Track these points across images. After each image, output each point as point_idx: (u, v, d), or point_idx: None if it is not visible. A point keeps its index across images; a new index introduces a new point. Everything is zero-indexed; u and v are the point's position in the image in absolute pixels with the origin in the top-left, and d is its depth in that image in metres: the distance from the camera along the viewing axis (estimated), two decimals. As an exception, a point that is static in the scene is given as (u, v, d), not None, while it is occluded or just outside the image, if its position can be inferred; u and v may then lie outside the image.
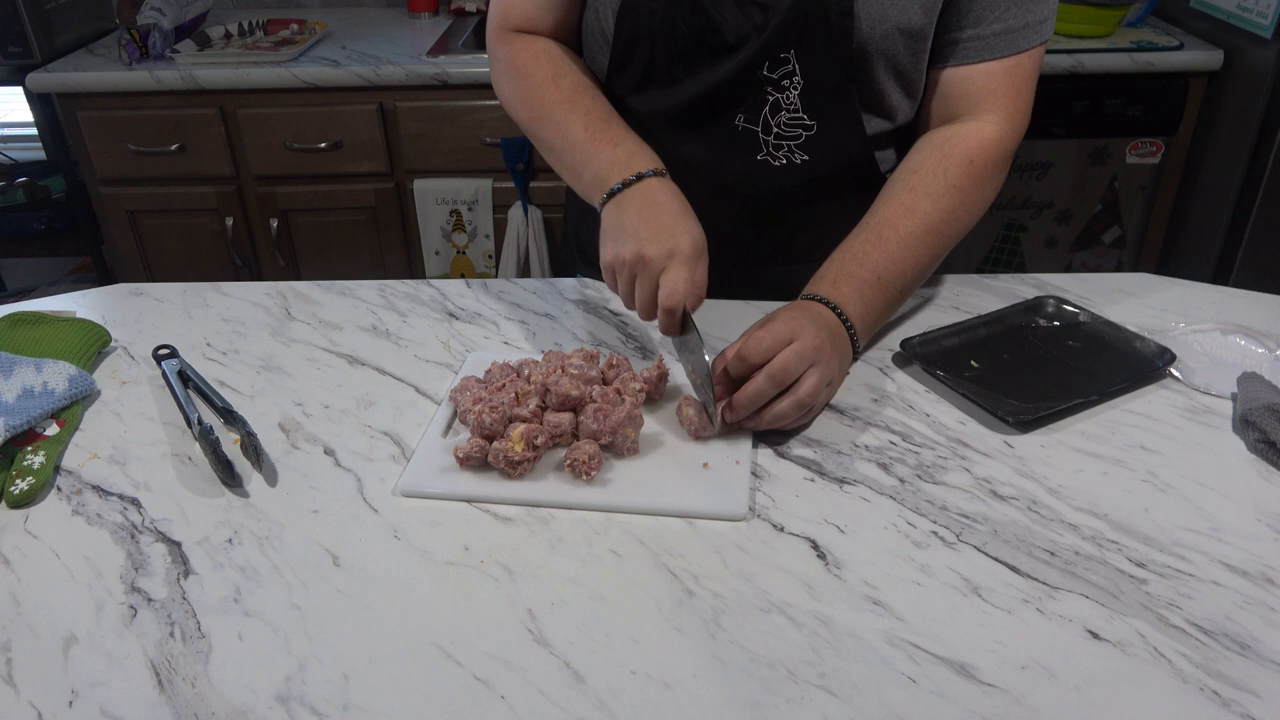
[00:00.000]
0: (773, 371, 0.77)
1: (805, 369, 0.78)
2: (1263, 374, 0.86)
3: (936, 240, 0.91)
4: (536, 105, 0.97)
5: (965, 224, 0.94)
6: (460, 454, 0.77)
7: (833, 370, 0.81)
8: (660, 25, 0.94)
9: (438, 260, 2.28)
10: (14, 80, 2.13)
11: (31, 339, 0.93)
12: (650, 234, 0.83)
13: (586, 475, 0.75)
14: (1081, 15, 2.12)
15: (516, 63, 1.00)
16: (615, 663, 0.61)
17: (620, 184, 0.87)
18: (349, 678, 0.60)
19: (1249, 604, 0.65)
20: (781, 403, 0.78)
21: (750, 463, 0.78)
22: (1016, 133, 0.96)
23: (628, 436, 0.78)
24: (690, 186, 0.88)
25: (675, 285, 0.81)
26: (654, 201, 0.86)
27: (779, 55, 0.93)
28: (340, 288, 1.08)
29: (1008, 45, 0.93)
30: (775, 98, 0.95)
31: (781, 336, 0.78)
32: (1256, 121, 2.00)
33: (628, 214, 0.85)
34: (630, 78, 1.00)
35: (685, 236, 0.83)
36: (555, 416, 0.79)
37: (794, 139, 0.98)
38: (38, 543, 0.71)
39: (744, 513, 0.73)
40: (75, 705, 0.58)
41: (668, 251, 0.82)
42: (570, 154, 0.94)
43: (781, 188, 1.01)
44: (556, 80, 0.97)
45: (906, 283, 0.91)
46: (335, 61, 2.10)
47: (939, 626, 0.63)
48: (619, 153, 0.90)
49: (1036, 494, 0.75)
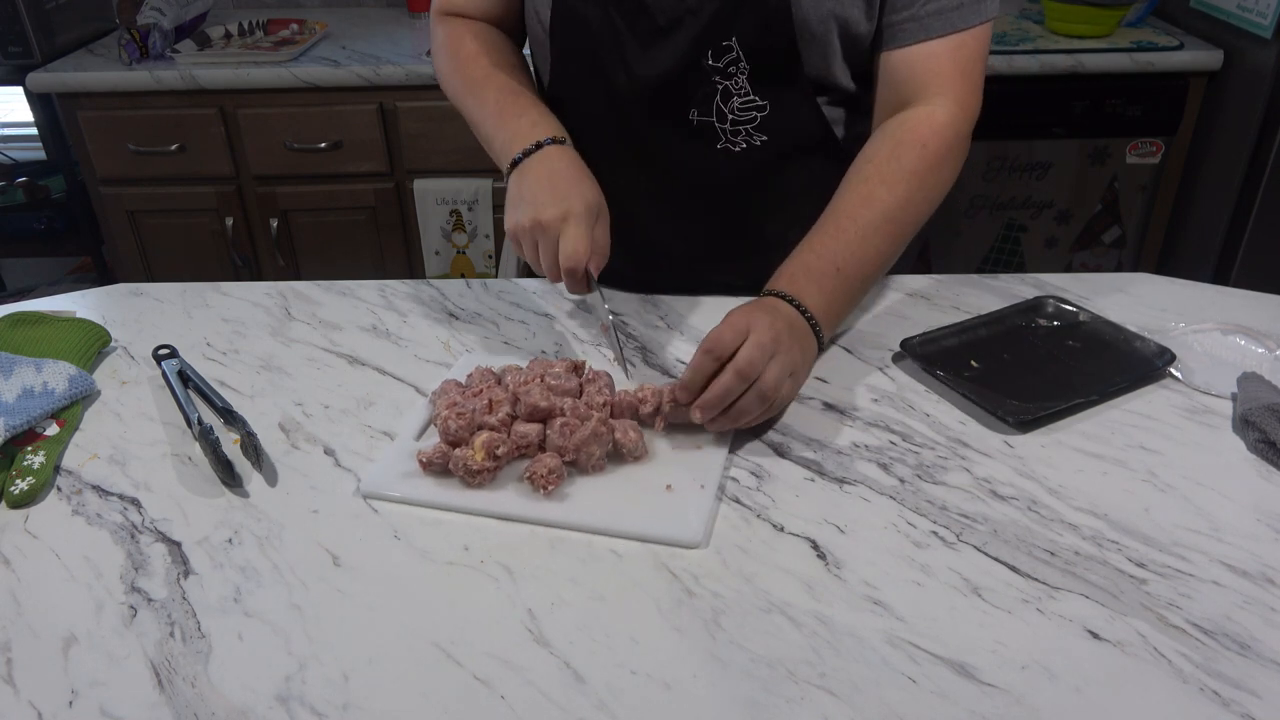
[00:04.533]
0: (739, 367, 0.77)
1: (767, 360, 0.78)
2: (1263, 374, 0.86)
3: (896, 228, 0.92)
4: (461, 80, 1.02)
5: (924, 210, 0.95)
6: (423, 458, 0.76)
7: (795, 360, 0.81)
8: (594, 12, 0.96)
9: (438, 260, 2.28)
10: (14, 80, 2.13)
11: (31, 339, 0.93)
12: (546, 198, 0.86)
13: (545, 489, 0.73)
14: (1081, 15, 2.12)
15: (449, 41, 1.06)
16: (615, 663, 0.61)
17: (521, 154, 0.91)
18: (349, 678, 0.60)
19: (1249, 604, 0.65)
20: (745, 397, 0.78)
21: (717, 487, 0.76)
22: (968, 115, 0.96)
23: (592, 454, 0.76)
24: (655, 185, 0.89)
25: (574, 246, 0.84)
26: (550, 169, 0.89)
27: (721, 43, 0.94)
28: (340, 288, 1.08)
29: (943, 24, 0.93)
30: (724, 85, 0.97)
31: (739, 328, 0.79)
32: (1256, 121, 2.00)
33: (526, 181, 0.89)
34: (575, 75, 1.02)
35: (578, 198, 0.86)
36: (523, 427, 0.77)
37: (749, 122, 0.99)
38: (38, 543, 0.71)
39: (698, 539, 0.70)
40: (75, 705, 0.58)
41: (562, 214, 0.85)
42: (485, 126, 0.98)
43: (745, 173, 1.02)
44: (478, 57, 1.02)
45: (868, 271, 0.91)
46: (335, 61, 2.10)
47: (939, 626, 0.63)
48: (523, 123, 0.94)
49: (1036, 494, 0.75)
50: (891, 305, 1.03)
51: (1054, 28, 2.20)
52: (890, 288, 1.06)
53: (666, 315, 1.02)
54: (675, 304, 1.04)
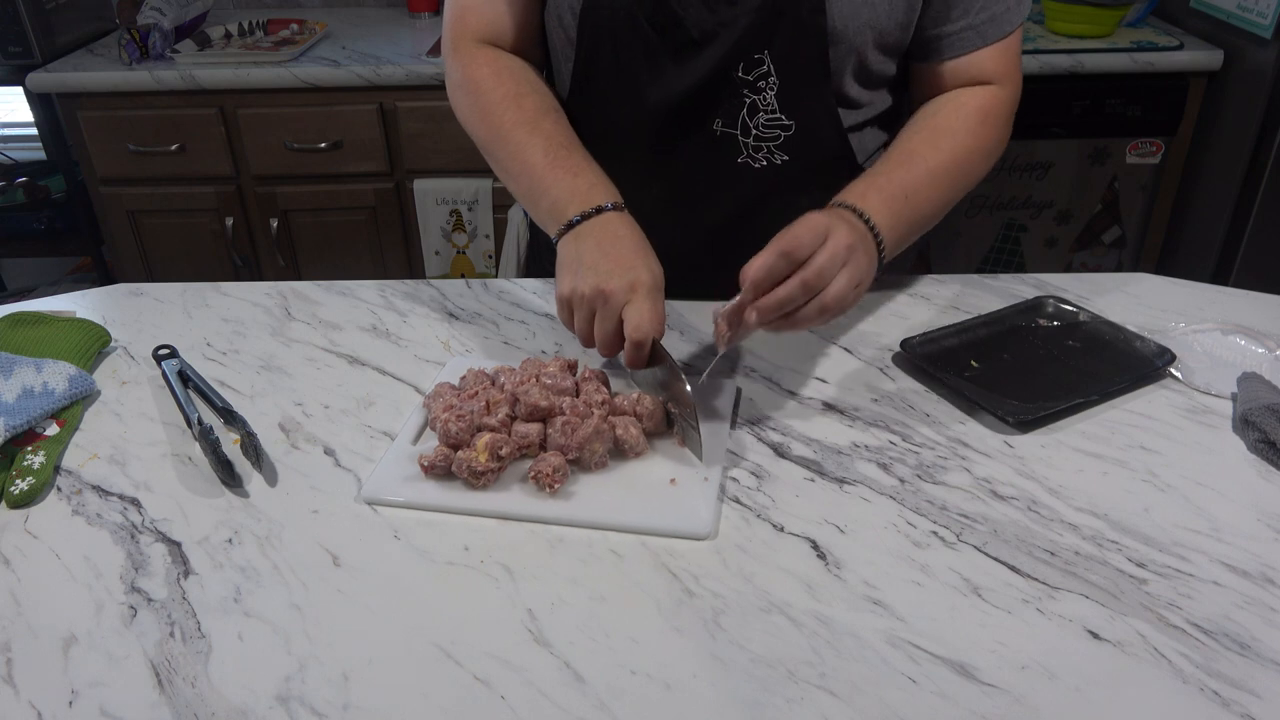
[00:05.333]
0: (807, 277, 0.74)
1: (838, 270, 0.76)
2: (1263, 374, 0.86)
3: (958, 178, 0.94)
4: (494, 125, 0.95)
5: (981, 168, 0.97)
6: (425, 462, 0.76)
7: (862, 272, 0.79)
8: (623, 23, 0.93)
9: (438, 260, 2.28)
10: (14, 80, 2.13)
11: (31, 339, 0.93)
12: (610, 268, 0.82)
13: (550, 488, 0.73)
14: (1081, 15, 2.12)
15: (475, 78, 0.97)
16: (615, 663, 0.61)
17: (579, 216, 0.86)
18: (349, 678, 0.60)
19: (1249, 604, 0.65)
20: (807, 307, 0.76)
21: (720, 480, 0.76)
22: (1016, 95, 0.99)
23: (595, 451, 0.76)
24: (669, 190, 0.87)
25: (642, 318, 0.80)
26: (613, 235, 0.84)
27: (753, 56, 0.93)
28: (340, 288, 1.08)
29: (997, 30, 0.94)
30: (752, 99, 0.95)
31: (819, 230, 0.75)
32: (1256, 121, 2.00)
33: (586, 247, 0.84)
34: (599, 83, 0.99)
35: (645, 270, 0.82)
36: (524, 427, 0.77)
37: (773, 139, 0.98)
38: (38, 543, 0.71)
39: (706, 531, 0.70)
40: (75, 705, 0.58)
41: (629, 285, 0.81)
42: (528, 179, 0.92)
43: (763, 189, 1.01)
44: (518, 100, 0.95)
45: (930, 210, 0.92)
46: (335, 61, 2.10)
47: (939, 626, 0.63)
48: (579, 184, 0.88)
49: (1036, 494, 0.75)
50: (891, 305, 1.03)
51: (1054, 28, 2.20)
52: (890, 288, 1.06)
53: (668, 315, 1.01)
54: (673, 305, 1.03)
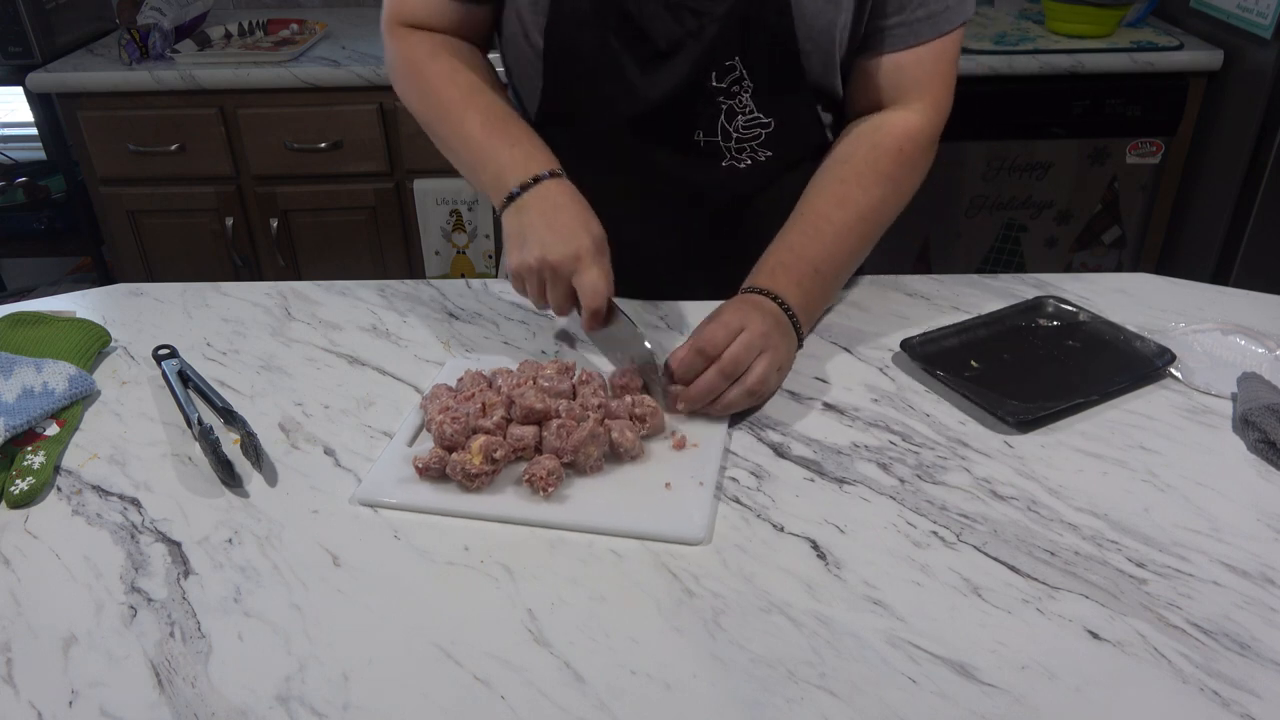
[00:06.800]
0: (723, 366, 0.81)
1: (754, 358, 0.81)
2: (1263, 374, 0.86)
3: (869, 229, 0.95)
4: (433, 103, 0.96)
5: (895, 211, 0.98)
6: (419, 464, 0.76)
7: (781, 356, 0.84)
8: (589, 37, 0.94)
9: (438, 260, 2.28)
10: (14, 80, 2.13)
11: (31, 339, 0.93)
12: (553, 238, 0.85)
13: (544, 491, 0.73)
14: (1081, 15, 2.12)
15: (411, 58, 0.98)
16: (615, 663, 0.61)
17: (518, 187, 0.88)
18: (349, 678, 0.60)
19: (1249, 604, 0.65)
20: (731, 392, 0.81)
21: (715, 483, 0.76)
22: (941, 118, 0.99)
23: (590, 455, 0.76)
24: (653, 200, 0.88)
25: (594, 285, 0.84)
26: (553, 204, 0.87)
27: (724, 63, 0.93)
28: (340, 288, 1.08)
29: (932, 29, 0.94)
30: (728, 104, 0.96)
31: (732, 327, 0.82)
32: (1256, 121, 2.00)
33: (528, 218, 0.87)
34: (570, 99, 0.99)
35: (587, 236, 0.85)
36: (519, 430, 0.77)
37: (754, 139, 0.99)
38: (38, 543, 0.71)
39: (701, 536, 0.70)
40: (75, 705, 0.58)
41: (574, 254, 0.84)
42: (468, 153, 0.94)
43: (748, 186, 1.03)
44: (453, 77, 0.96)
45: (841, 271, 0.95)
46: (335, 61, 2.10)
47: (939, 626, 0.63)
48: (516, 154, 0.90)
49: (1036, 494, 0.75)
50: (891, 305, 1.03)
51: (1054, 28, 2.20)
52: (890, 288, 1.06)
53: (667, 315, 1.02)
54: (675, 304, 1.03)
